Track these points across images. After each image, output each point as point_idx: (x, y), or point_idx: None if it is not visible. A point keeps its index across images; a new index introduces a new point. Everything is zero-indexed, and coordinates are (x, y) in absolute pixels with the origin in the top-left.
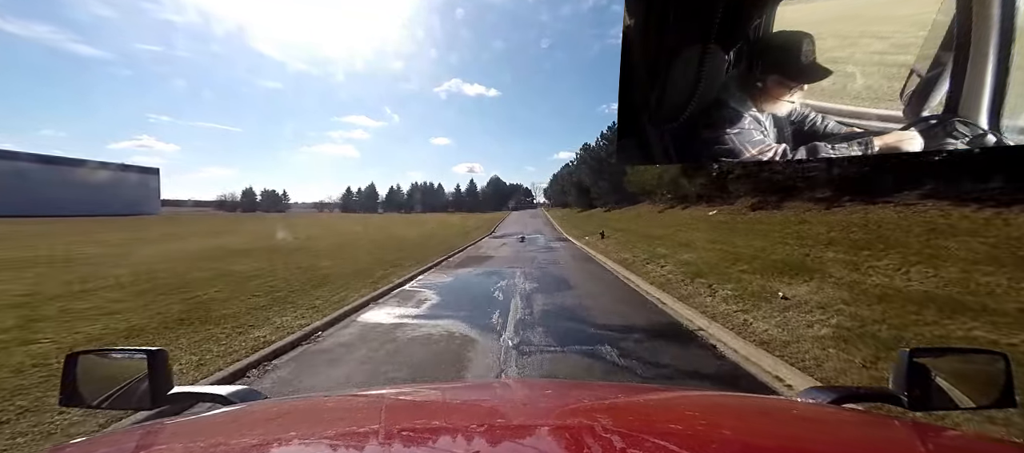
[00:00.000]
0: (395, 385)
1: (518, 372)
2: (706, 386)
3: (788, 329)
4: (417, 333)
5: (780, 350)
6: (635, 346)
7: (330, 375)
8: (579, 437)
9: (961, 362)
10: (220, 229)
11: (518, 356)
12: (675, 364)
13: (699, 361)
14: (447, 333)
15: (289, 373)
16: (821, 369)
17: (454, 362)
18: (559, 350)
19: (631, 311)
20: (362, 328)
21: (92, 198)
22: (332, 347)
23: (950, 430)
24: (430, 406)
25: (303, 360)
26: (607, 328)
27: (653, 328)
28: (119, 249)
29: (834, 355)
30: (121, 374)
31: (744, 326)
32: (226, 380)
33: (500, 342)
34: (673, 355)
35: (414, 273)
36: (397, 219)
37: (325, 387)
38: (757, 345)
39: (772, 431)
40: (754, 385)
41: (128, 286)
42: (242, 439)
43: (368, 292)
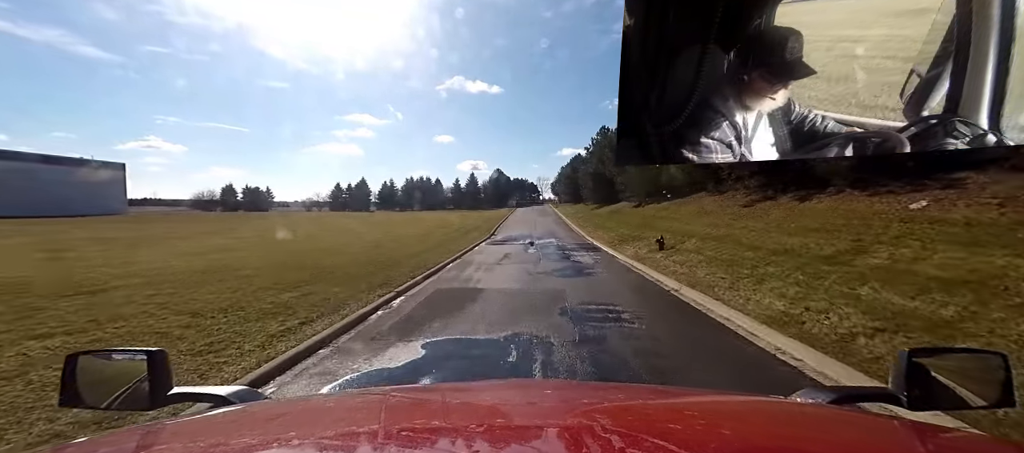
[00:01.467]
0: (395, 385)
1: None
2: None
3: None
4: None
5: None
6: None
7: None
8: (579, 437)
9: (960, 362)
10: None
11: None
12: None
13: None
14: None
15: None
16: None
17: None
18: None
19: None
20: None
21: (48, 197)
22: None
23: (950, 430)
24: (430, 406)
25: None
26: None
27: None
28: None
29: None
30: (121, 375)
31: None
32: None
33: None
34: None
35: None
36: (380, 219)
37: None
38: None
39: (771, 431)
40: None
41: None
42: (242, 439)
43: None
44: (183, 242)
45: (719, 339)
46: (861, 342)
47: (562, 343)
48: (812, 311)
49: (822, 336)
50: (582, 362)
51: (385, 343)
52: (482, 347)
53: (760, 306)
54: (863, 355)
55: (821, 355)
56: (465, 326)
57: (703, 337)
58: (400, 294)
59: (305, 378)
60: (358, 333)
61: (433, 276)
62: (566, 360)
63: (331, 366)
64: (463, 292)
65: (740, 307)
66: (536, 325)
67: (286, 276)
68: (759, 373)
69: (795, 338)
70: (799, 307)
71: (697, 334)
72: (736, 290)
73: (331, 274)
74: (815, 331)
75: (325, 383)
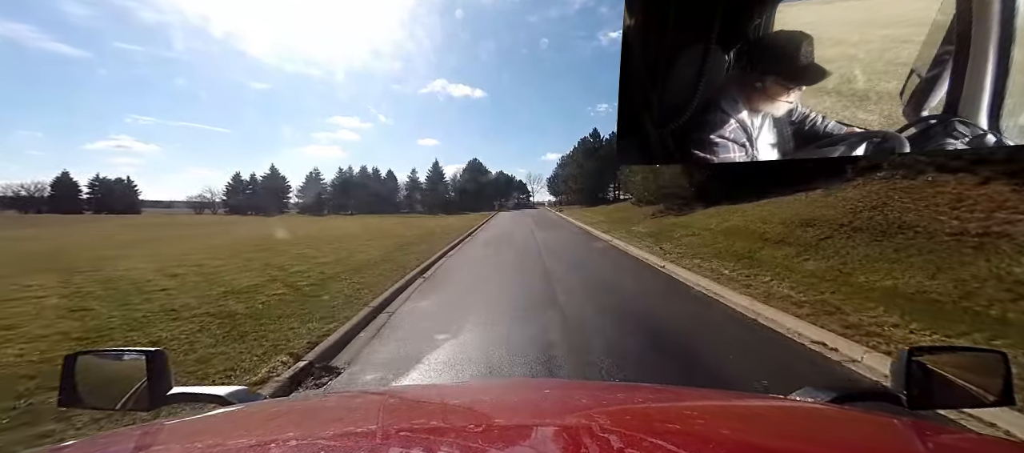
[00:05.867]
0: (395, 386)
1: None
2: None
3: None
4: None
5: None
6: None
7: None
8: (578, 437)
9: (960, 361)
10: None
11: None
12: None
13: None
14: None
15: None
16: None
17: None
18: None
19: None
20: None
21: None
22: None
23: (950, 429)
24: (429, 406)
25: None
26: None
27: None
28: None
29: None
30: (120, 375)
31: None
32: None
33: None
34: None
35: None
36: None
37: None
38: None
39: (772, 431)
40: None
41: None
42: (240, 439)
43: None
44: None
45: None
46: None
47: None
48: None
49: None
50: None
51: None
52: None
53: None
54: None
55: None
56: None
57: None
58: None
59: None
60: None
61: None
62: None
63: None
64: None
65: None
66: None
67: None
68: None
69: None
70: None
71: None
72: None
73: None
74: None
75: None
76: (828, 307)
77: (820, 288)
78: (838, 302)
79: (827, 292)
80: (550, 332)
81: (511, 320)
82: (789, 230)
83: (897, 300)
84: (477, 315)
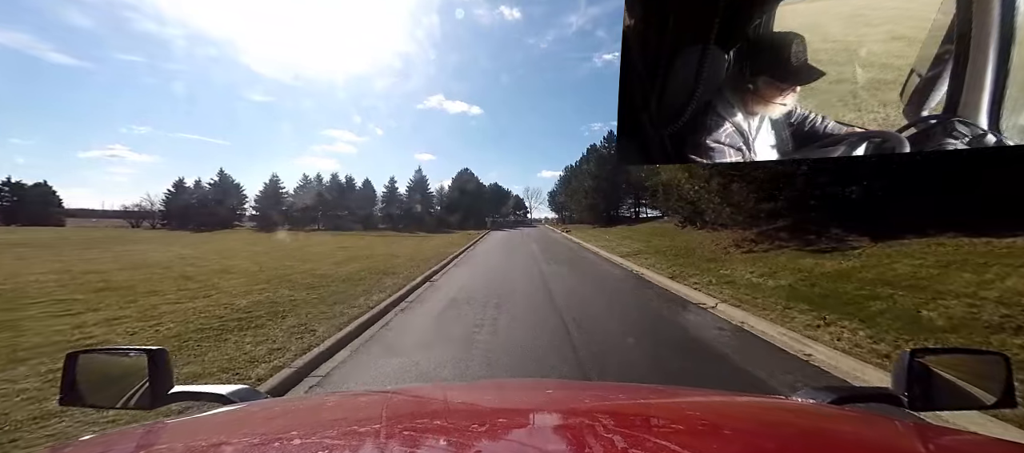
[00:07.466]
0: (395, 386)
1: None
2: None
3: None
4: None
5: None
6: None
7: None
8: (579, 437)
9: (961, 362)
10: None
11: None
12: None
13: None
14: None
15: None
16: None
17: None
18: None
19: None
20: None
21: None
22: None
23: (950, 430)
24: (430, 406)
25: None
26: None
27: None
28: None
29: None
30: (122, 374)
31: None
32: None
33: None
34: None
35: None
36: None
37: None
38: None
39: (772, 431)
40: None
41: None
42: (242, 439)
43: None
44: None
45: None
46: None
47: None
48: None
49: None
50: None
51: None
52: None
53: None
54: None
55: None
56: None
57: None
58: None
59: None
60: None
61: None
62: None
63: None
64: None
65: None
66: None
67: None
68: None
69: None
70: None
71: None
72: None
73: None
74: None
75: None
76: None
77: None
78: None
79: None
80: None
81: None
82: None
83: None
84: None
